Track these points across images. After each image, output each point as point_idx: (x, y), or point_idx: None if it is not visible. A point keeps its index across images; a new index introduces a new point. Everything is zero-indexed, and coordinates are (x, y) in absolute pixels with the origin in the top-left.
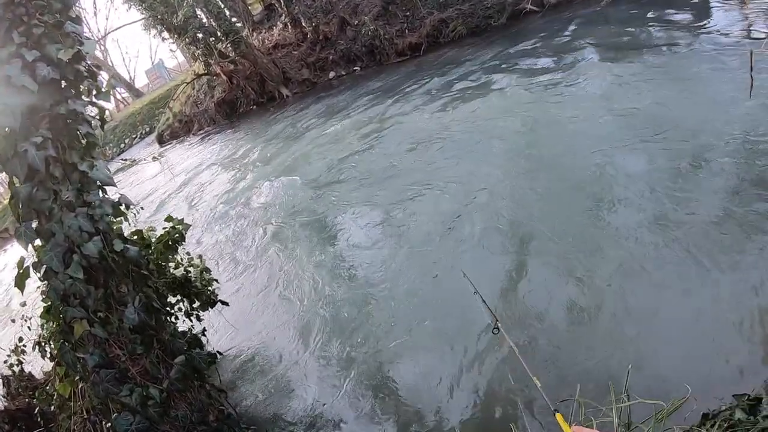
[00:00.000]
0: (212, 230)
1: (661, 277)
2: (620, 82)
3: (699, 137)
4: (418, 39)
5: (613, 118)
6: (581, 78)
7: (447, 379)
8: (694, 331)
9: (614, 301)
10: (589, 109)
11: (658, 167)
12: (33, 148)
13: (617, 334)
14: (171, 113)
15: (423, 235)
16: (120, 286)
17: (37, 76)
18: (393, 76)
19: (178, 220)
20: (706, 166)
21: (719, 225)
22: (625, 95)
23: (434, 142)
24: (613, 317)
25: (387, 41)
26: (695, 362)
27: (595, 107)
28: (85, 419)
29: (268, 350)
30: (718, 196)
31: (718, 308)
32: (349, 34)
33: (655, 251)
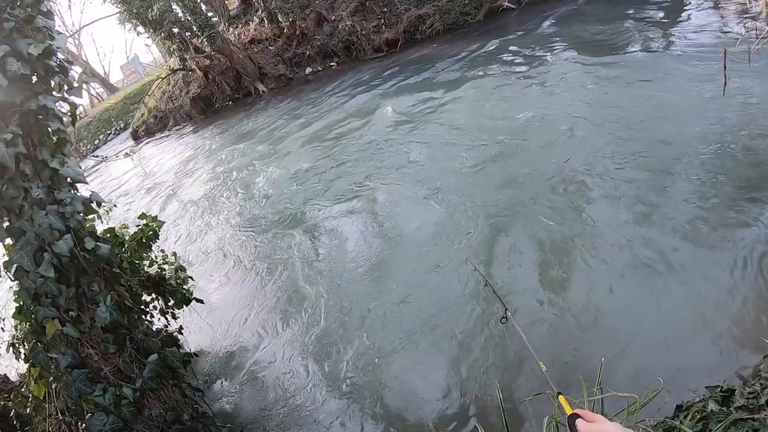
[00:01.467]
0: (187, 227)
1: (633, 272)
2: (594, 80)
3: (673, 135)
4: (394, 35)
5: (584, 119)
6: (555, 76)
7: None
8: (666, 324)
9: (586, 295)
10: (560, 106)
11: (630, 167)
12: (2, 145)
13: (588, 327)
14: (146, 109)
15: (396, 228)
16: (92, 284)
17: (7, 71)
18: (369, 72)
19: (152, 217)
20: (680, 163)
21: (692, 224)
22: (598, 94)
23: (405, 140)
24: (584, 311)
25: (364, 37)
26: (668, 354)
27: (566, 105)
28: (60, 420)
29: (244, 348)
30: (690, 196)
31: (690, 302)
32: (326, 30)
33: (627, 248)
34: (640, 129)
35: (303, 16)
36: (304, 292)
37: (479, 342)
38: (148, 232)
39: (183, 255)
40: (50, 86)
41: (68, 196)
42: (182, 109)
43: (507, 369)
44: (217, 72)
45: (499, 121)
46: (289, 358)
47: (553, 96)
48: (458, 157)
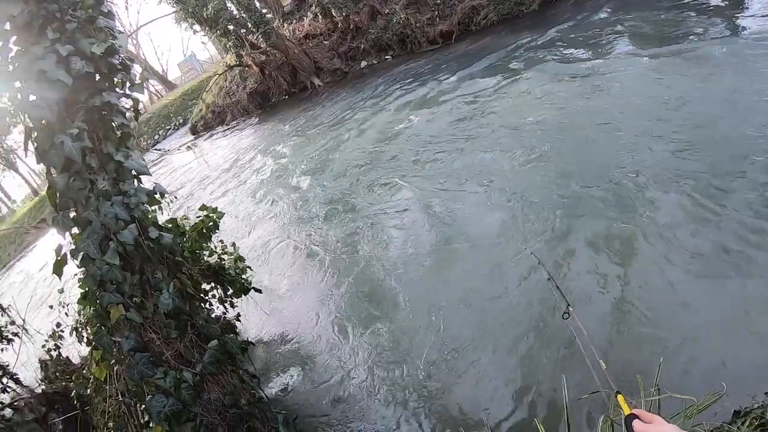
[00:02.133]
0: (245, 218)
1: (695, 272)
2: (654, 72)
3: (741, 132)
4: (449, 27)
5: (644, 113)
6: (613, 68)
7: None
8: (726, 327)
9: (647, 293)
10: (619, 100)
11: (694, 163)
12: (69, 140)
13: (648, 326)
14: (204, 104)
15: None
16: (155, 272)
17: (72, 69)
18: (424, 65)
19: (212, 208)
20: (748, 161)
21: (755, 222)
22: (658, 87)
23: (466, 131)
24: (644, 310)
25: (418, 29)
26: (727, 358)
27: (625, 99)
28: (119, 401)
29: (300, 338)
30: (757, 197)
31: (753, 305)
32: (380, 23)
33: (690, 247)
34: (705, 125)
35: (356, 10)
36: (363, 284)
37: (538, 337)
38: (208, 223)
39: (242, 245)
40: (113, 83)
41: (132, 188)
42: (239, 104)
43: (563, 365)
44: (273, 67)
45: (556, 114)
46: (345, 349)
47: (612, 89)
48: (515, 151)
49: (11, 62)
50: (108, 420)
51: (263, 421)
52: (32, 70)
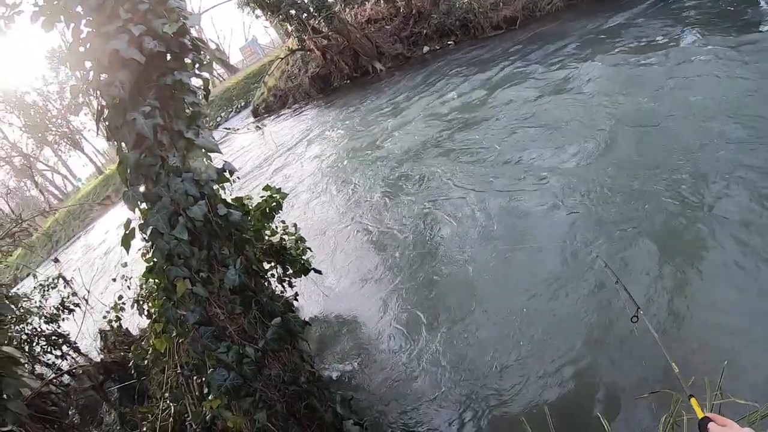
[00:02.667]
0: (306, 199)
1: (759, 274)
2: (729, 62)
3: None
4: (513, 12)
5: (718, 107)
6: (684, 57)
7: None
8: None
9: (715, 297)
10: (691, 91)
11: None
12: (141, 117)
13: (715, 329)
14: (266, 88)
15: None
16: (222, 248)
17: (144, 49)
18: (487, 51)
19: (276, 189)
20: None
21: None
22: (733, 79)
23: (531, 120)
24: (712, 313)
25: (481, 15)
26: None
27: (698, 91)
28: (178, 373)
29: (356, 320)
30: None
31: None
32: (443, 8)
33: (763, 251)
34: None
35: None
36: (423, 271)
37: (605, 340)
38: (271, 203)
39: (302, 226)
40: (184, 63)
41: (203, 165)
42: (301, 87)
43: (631, 368)
44: (335, 51)
45: (622, 105)
46: (402, 339)
47: (682, 80)
48: (580, 143)
49: (82, 43)
50: (165, 391)
51: (321, 400)
52: (105, 50)
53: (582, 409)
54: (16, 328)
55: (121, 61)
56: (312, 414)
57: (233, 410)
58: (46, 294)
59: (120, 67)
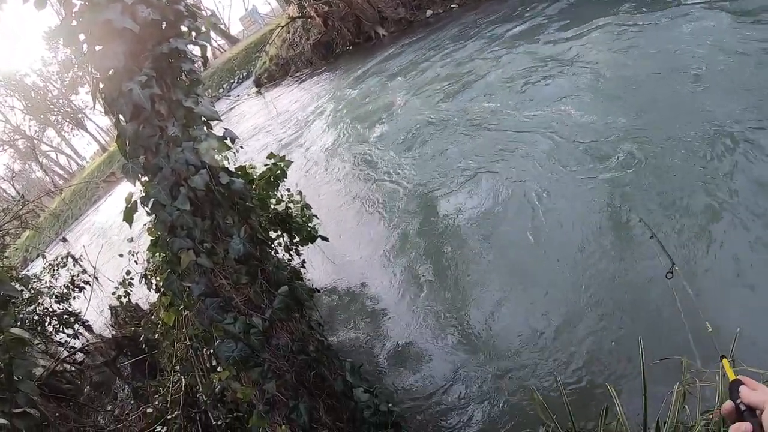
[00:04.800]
0: (312, 167)
1: None
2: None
3: None
4: None
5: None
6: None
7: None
8: None
9: (739, 264)
10: (702, 54)
11: None
12: (137, 87)
13: (724, 297)
14: (267, 57)
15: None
16: (226, 217)
17: (138, 17)
18: (491, 14)
19: (280, 157)
20: None
21: None
22: (737, 38)
23: (538, 83)
24: (723, 280)
25: None
26: None
27: (707, 53)
28: (187, 346)
29: (365, 288)
30: None
31: None
32: None
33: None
34: None
35: None
36: (432, 242)
37: (637, 299)
38: (276, 171)
39: (308, 195)
40: (180, 30)
41: (203, 134)
42: (303, 55)
43: (662, 328)
44: (336, 18)
45: (639, 69)
46: (411, 306)
47: (699, 42)
48: (597, 108)
49: (75, 17)
50: (175, 364)
51: (330, 369)
52: (97, 21)
53: (597, 375)
54: (27, 309)
55: (115, 31)
56: (321, 383)
57: (242, 381)
58: (56, 273)
59: (114, 37)
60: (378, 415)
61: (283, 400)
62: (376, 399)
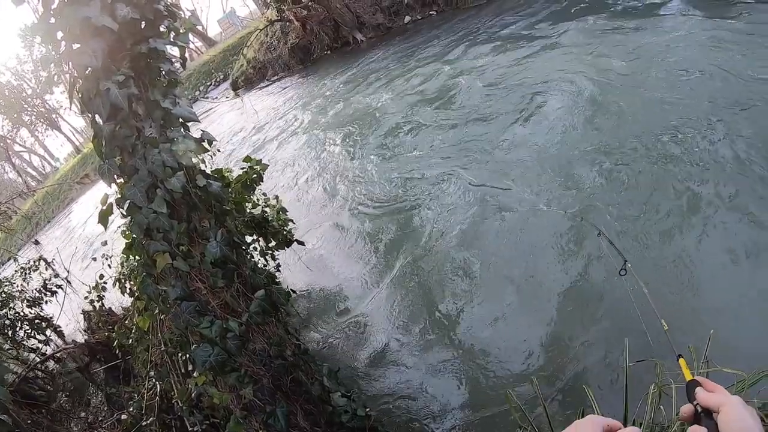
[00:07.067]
0: (288, 172)
1: (746, 246)
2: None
3: None
4: None
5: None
6: (672, 24)
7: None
8: None
9: (697, 265)
10: (674, 55)
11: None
12: (115, 87)
13: (697, 300)
14: (245, 60)
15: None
16: (202, 220)
17: (117, 16)
18: (470, 21)
19: (257, 160)
20: None
21: None
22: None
23: (512, 90)
24: (695, 281)
25: None
26: None
27: (687, 56)
28: (162, 351)
29: (341, 292)
30: None
31: None
32: None
33: (744, 218)
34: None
35: None
36: (406, 239)
37: (590, 299)
38: (252, 175)
39: (284, 198)
40: (159, 30)
41: (180, 135)
42: (281, 59)
43: (618, 328)
44: (315, 22)
45: (609, 73)
46: (386, 309)
47: (667, 45)
48: (563, 108)
49: (54, 14)
50: (150, 369)
51: (307, 373)
52: (76, 18)
53: (568, 377)
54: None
55: (94, 29)
56: (299, 387)
57: (218, 386)
58: (28, 277)
59: (92, 35)
60: (355, 419)
61: (260, 405)
62: (353, 403)
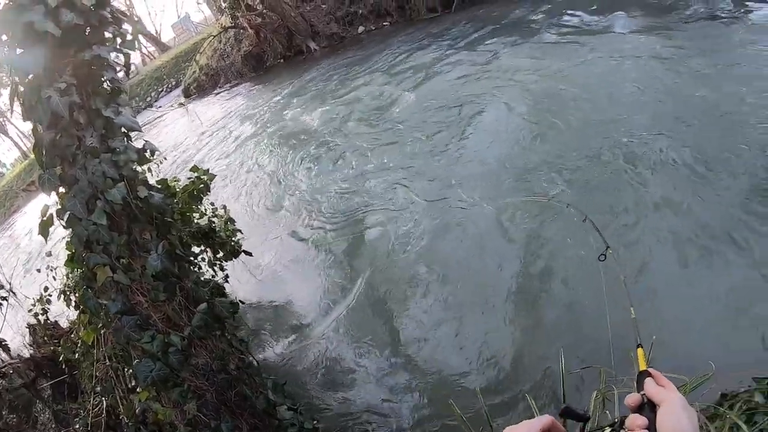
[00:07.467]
0: (236, 181)
1: (690, 251)
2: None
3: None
4: None
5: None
6: (619, 41)
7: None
8: (720, 308)
9: (639, 268)
10: (623, 74)
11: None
12: (57, 95)
13: (638, 303)
14: (197, 66)
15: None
16: (143, 232)
17: (61, 21)
18: (423, 33)
19: (204, 170)
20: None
21: (748, 206)
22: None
23: (465, 103)
24: (636, 285)
25: None
26: (716, 340)
27: (635, 75)
28: (107, 366)
29: (291, 304)
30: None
31: (746, 287)
32: None
33: (685, 225)
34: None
35: None
36: (358, 256)
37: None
38: (199, 185)
39: (232, 209)
40: (104, 37)
41: (122, 145)
42: (234, 66)
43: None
44: (268, 30)
45: (561, 87)
46: (333, 318)
47: (616, 64)
48: (516, 123)
49: None
50: (96, 384)
51: (252, 387)
52: (19, 21)
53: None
54: None
55: (36, 34)
56: (244, 401)
57: (162, 402)
58: None
59: (35, 41)
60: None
61: (205, 420)
62: (300, 416)
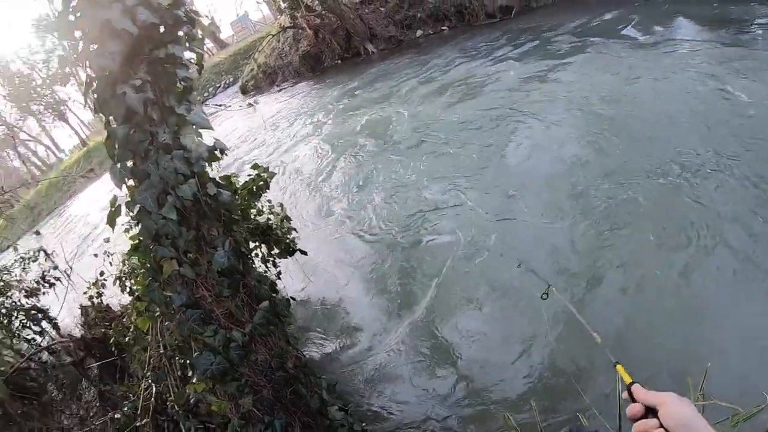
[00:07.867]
0: (293, 179)
1: (747, 278)
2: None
3: None
4: (509, 1)
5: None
6: (685, 54)
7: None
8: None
9: (695, 295)
10: (683, 92)
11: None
12: (131, 91)
13: (696, 328)
14: (255, 64)
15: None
16: (211, 229)
17: (137, 20)
18: (481, 38)
19: (264, 167)
20: None
21: None
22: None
23: (522, 112)
24: (693, 310)
25: (477, 2)
26: None
27: (693, 90)
28: (161, 354)
29: (341, 303)
30: None
31: None
32: None
33: (742, 244)
34: None
35: None
36: (404, 257)
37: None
38: (258, 182)
39: (288, 207)
40: (178, 36)
41: (193, 142)
42: (291, 66)
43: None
44: (327, 31)
45: (615, 99)
46: (386, 322)
47: (681, 78)
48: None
49: (73, 12)
50: (147, 370)
51: (307, 386)
52: (96, 19)
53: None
54: None
55: (113, 31)
56: (298, 399)
57: (218, 394)
58: (27, 267)
59: (111, 38)
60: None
61: (259, 415)
62: (350, 417)
